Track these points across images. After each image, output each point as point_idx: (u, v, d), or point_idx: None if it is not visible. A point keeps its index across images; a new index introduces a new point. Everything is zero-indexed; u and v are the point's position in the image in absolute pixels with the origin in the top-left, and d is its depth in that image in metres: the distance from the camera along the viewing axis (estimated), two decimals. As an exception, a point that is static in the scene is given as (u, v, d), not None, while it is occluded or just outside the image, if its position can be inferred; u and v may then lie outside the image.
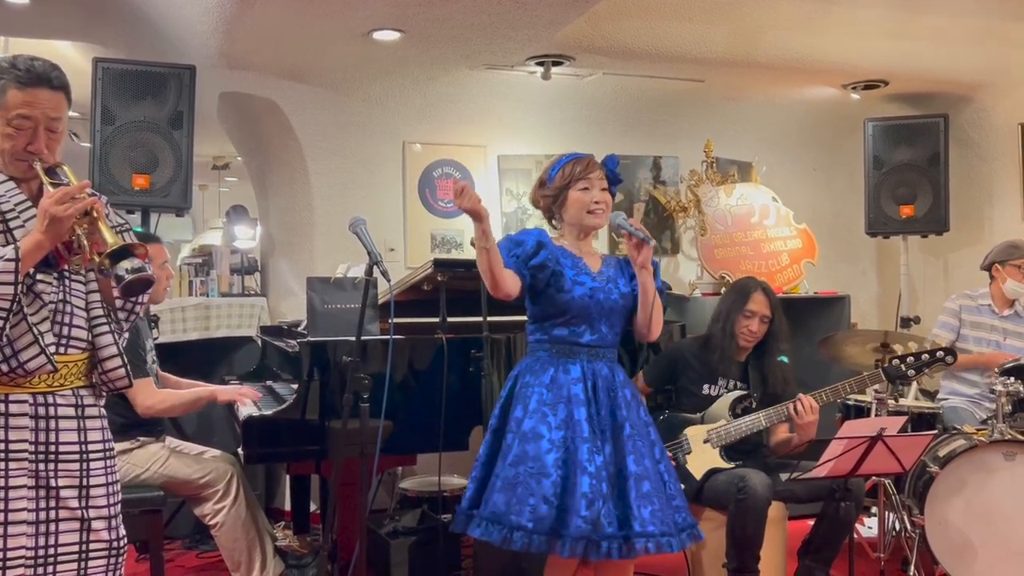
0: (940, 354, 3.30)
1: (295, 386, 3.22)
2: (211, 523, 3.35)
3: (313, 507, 4.25)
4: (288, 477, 4.25)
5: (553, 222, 2.76)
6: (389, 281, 2.79)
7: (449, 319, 3.39)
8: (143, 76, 4.08)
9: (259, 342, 4.45)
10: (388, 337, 2.88)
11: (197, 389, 3.46)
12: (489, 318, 3.02)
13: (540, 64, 4.64)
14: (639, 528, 2.41)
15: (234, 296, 4.91)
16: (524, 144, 5.38)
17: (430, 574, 3.50)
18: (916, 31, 4.58)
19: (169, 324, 4.44)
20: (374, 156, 5.05)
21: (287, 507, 4.38)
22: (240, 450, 3.14)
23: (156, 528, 3.27)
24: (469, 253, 3.25)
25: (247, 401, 3.32)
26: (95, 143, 4.01)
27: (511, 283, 2.54)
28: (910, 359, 3.31)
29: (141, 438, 3.34)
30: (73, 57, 4.94)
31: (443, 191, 5.21)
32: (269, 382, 3.87)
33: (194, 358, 4.46)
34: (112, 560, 2.13)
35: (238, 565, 3.35)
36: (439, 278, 3.33)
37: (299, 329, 3.81)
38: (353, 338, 2.85)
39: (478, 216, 2.40)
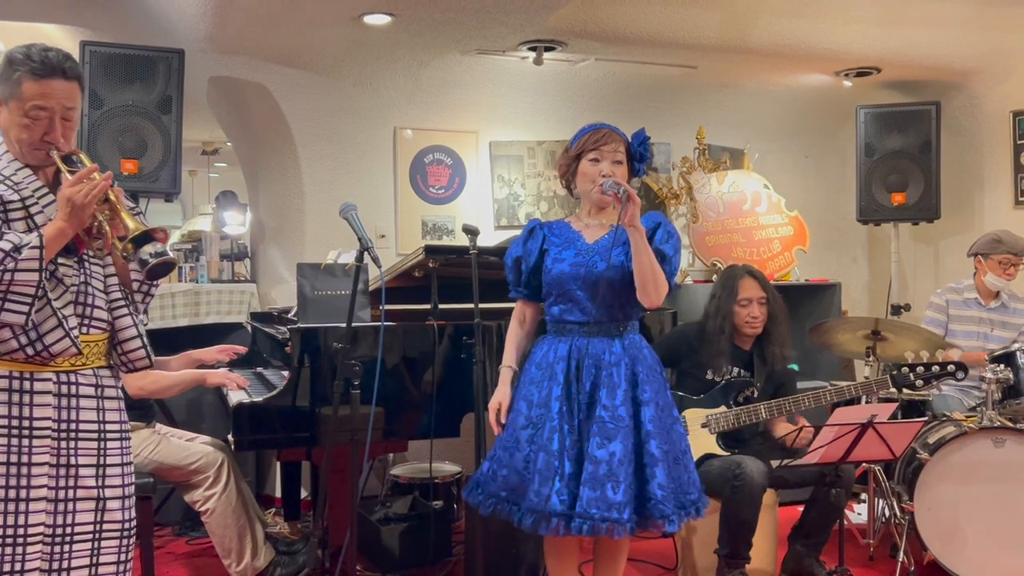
0: (951, 368, 3.28)
1: (285, 373, 3.21)
2: (201, 509, 3.34)
3: (304, 493, 4.25)
4: (279, 463, 4.24)
5: (573, 193, 2.75)
6: (380, 267, 2.77)
7: (440, 306, 3.38)
8: (131, 60, 4.04)
9: (249, 328, 4.42)
10: (379, 324, 2.86)
11: (187, 371, 3.44)
12: (481, 305, 3.00)
13: (532, 49, 4.61)
14: (579, 508, 2.44)
15: (224, 282, 4.88)
16: (516, 130, 5.36)
17: (421, 560, 3.50)
18: (908, 18, 4.57)
19: (158, 310, 4.42)
20: (365, 142, 5.03)
21: (278, 493, 4.37)
22: (230, 436, 3.13)
23: (146, 514, 3.25)
24: (460, 239, 3.24)
25: (236, 386, 3.30)
26: (83, 127, 3.97)
27: (532, 324, 2.81)
28: (920, 369, 3.29)
29: (131, 423, 3.31)
30: (60, 40, 4.88)
31: (434, 177, 5.19)
32: (259, 369, 3.86)
33: (183, 345, 4.42)
34: (124, 542, 2.18)
35: (229, 551, 3.34)
36: (430, 264, 3.32)
37: (289, 315, 3.79)
38: (344, 324, 2.84)
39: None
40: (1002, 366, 3.56)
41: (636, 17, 4.40)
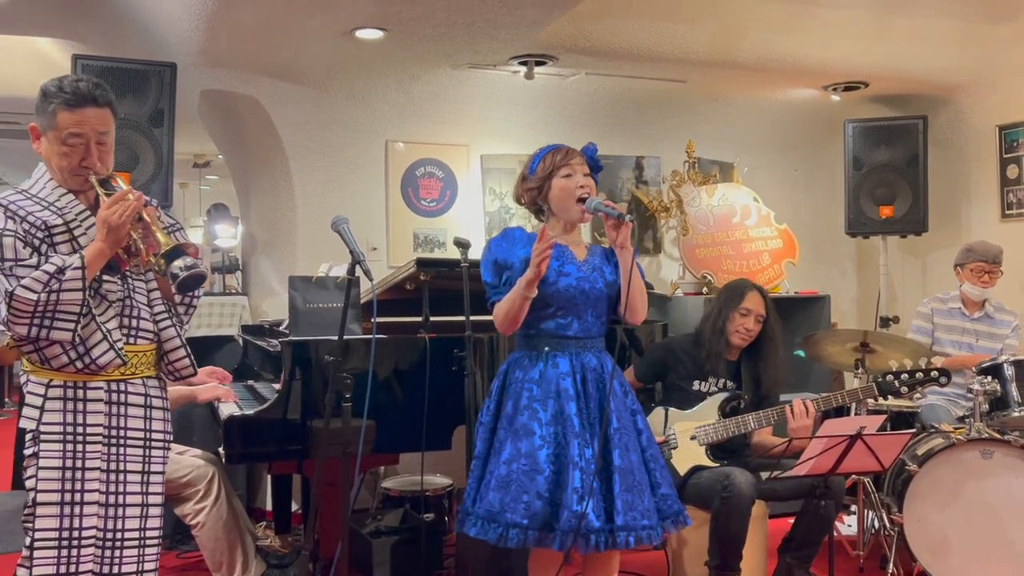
0: (935, 374, 3.31)
1: (277, 386, 3.21)
2: (192, 523, 3.33)
3: (295, 507, 4.24)
4: (270, 477, 4.23)
5: (541, 216, 2.75)
6: (371, 280, 2.78)
7: (432, 318, 3.39)
8: (123, 73, 4.05)
9: (240, 341, 4.42)
10: (371, 336, 2.87)
11: (178, 387, 3.44)
12: (472, 317, 3.01)
13: (523, 64, 4.64)
14: (621, 521, 2.44)
15: (215, 295, 4.89)
16: (507, 143, 5.39)
17: (412, 574, 3.49)
18: (896, 33, 4.62)
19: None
20: (357, 155, 5.04)
21: (269, 507, 4.36)
22: (221, 450, 3.13)
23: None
24: (452, 252, 3.25)
25: (227, 399, 3.31)
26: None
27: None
28: (904, 376, 3.32)
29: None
30: (52, 54, 4.90)
31: (426, 190, 5.21)
32: (251, 382, 3.86)
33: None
34: (159, 549, 2.31)
35: (219, 565, 3.33)
36: (422, 277, 3.33)
37: (281, 328, 3.79)
38: (335, 337, 2.85)
39: (539, 273, 2.46)
40: (989, 378, 3.59)
41: (626, 32, 4.43)
